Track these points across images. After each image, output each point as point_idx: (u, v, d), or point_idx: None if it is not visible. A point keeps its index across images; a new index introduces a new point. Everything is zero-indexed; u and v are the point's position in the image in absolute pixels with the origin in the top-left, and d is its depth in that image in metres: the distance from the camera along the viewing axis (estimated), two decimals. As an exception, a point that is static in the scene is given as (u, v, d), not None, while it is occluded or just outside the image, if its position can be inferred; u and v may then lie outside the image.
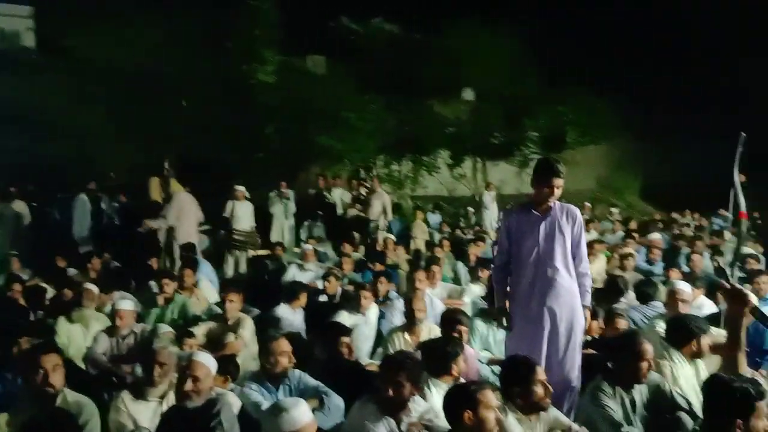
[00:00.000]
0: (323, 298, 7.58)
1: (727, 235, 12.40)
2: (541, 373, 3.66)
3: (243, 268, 11.02)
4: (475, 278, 8.05)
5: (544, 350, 4.38)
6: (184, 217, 9.69)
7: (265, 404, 3.90)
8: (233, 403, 3.85)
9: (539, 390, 3.58)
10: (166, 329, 5.34)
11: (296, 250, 11.89)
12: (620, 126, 20.73)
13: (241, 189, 11.41)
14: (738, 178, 4.74)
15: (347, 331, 5.00)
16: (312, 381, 4.27)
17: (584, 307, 4.50)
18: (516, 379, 3.65)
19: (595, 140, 20.98)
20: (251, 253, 11.40)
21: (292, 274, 9.04)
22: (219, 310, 6.38)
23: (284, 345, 4.30)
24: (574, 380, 4.38)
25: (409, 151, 19.13)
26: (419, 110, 18.16)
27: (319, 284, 7.96)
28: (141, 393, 3.97)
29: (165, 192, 10.23)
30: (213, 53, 14.69)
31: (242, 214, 11.28)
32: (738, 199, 4.69)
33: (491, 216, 15.76)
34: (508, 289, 4.63)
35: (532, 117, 19.93)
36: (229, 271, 10.93)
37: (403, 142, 18.18)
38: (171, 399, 3.91)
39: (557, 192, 4.44)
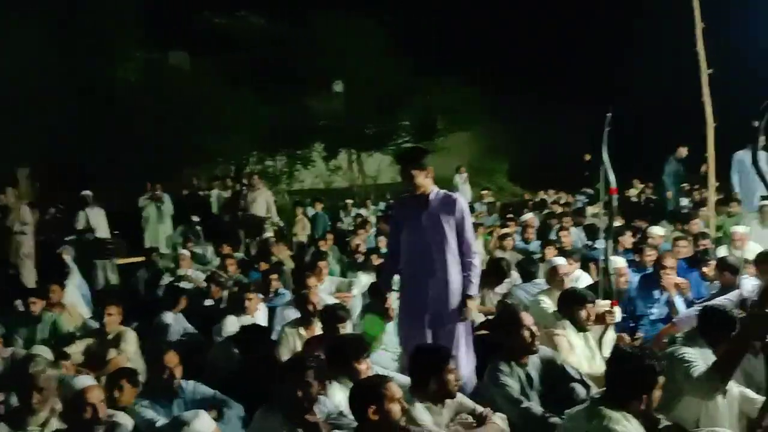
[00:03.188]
0: (209, 302, 7.31)
1: (590, 210, 13.26)
2: (452, 363, 3.69)
3: (112, 277, 10.45)
4: (364, 268, 8.06)
5: (429, 339, 4.44)
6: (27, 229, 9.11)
7: (160, 421, 3.68)
8: (125, 423, 3.60)
9: (452, 378, 3.62)
10: (41, 351, 4.90)
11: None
12: (486, 111, 21.48)
13: (89, 194, 10.77)
14: (607, 156, 5.03)
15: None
16: (208, 390, 4.07)
17: (468, 297, 4.45)
18: (430, 369, 3.65)
19: (464, 126, 21.62)
20: (120, 261, 10.85)
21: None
22: (96, 325, 5.97)
23: (174, 357, 4.07)
24: (468, 366, 4.47)
25: (282, 145, 18.90)
26: (291, 103, 17.92)
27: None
28: (18, 423, 3.61)
29: (10, 202, 9.44)
30: (67, 51, 13.70)
31: (98, 222, 10.68)
32: (608, 176, 4.98)
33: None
34: (398, 277, 4.68)
35: (404, 106, 20.23)
36: (100, 282, 10.32)
37: (276, 137, 17.89)
38: (53, 426, 3.60)
39: (419, 181, 4.44)
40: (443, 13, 23.09)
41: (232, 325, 5.82)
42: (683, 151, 11.72)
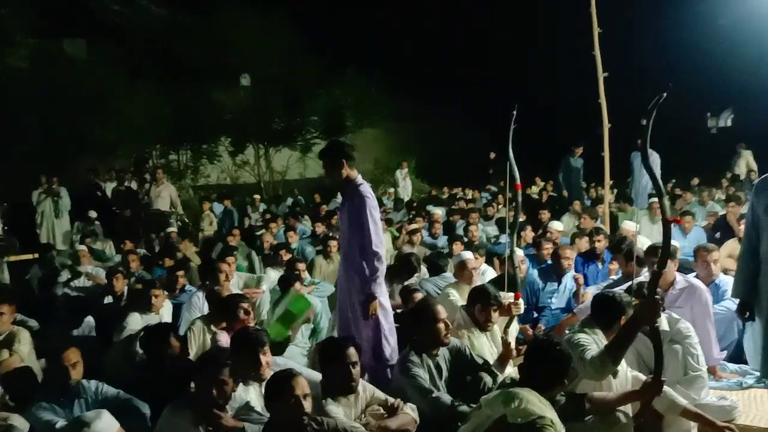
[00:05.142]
0: (108, 299, 7.02)
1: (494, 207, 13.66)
2: (352, 354, 3.68)
3: (3, 276, 9.86)
4: (273, 264, 7.98)
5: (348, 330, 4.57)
6: None
7: (60, 422, 3.51)
8: (20, 426, 3.41)
9: (352, 370, 3.64)
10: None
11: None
12: (394, 109, 21.68)
13: None
14: (512, 153, 5.19)
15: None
16: (111, 390, 3.91)
17: (368, 295, 4.46)
18: (330, 360, 3.70)
19: (372, 123, 21.73)
20: (11, 258, 10.25)
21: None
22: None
23: (74, 355, 3.90)
24: (383, 359, 4.54)
25: (187, 139, 18.34)
26: (196, 96, 17.39)
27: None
28: None
29: None
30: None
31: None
32: (513, 172, 5.14)
33: (403, 192, 18.20)
34: None
35: (312, 102, 20.09)
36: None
37: (181, 131, 17.31)
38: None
39: (334, 174, 4.52)
40: (352, 11, 23.17)
41: (135, 323, 5.62)
42: (579, 151, 12.32)
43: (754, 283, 3.74)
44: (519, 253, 6.47)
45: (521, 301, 5.24)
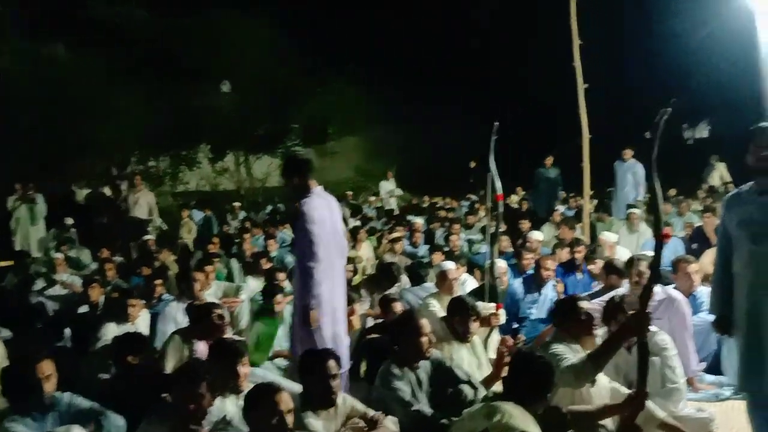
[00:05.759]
0: (84, 308, 6.91)
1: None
2: (332, 367, 3.64)
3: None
4: (252, 272, 7.92)
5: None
6: None
7: (33, 437, 3.43)
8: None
9: (333, 383, 3.61)
10: None
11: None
12: (375, 116, 21.66)
13: None
14: (494, 163, 5.22)
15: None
16: (85, 402, 3.81)
17: (304, 305, 4.38)
18: (310, 371, 3.67)
19: (353, 131, 21.71)
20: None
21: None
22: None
23: (48, 367, 3.80)
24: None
25: (167, 146, 18.18)
26: (175, 102, 17.23)
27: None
28: None
29: None
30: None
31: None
32: (495, 183, 5.16)
33: (387, 203, 18.05)
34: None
35: (294, 109, 20.02)
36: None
37: (161, 137, 17.15)
38: None
39: (290, 189, 4.62)
40: (335, 17, 23.04)
41: (111, 333, 5.52)
42: (549, 161, 12.52)
43: (730, 297, 3.76)
44: (501, 264, 6.49)
45: (502, 312, 5.25)
